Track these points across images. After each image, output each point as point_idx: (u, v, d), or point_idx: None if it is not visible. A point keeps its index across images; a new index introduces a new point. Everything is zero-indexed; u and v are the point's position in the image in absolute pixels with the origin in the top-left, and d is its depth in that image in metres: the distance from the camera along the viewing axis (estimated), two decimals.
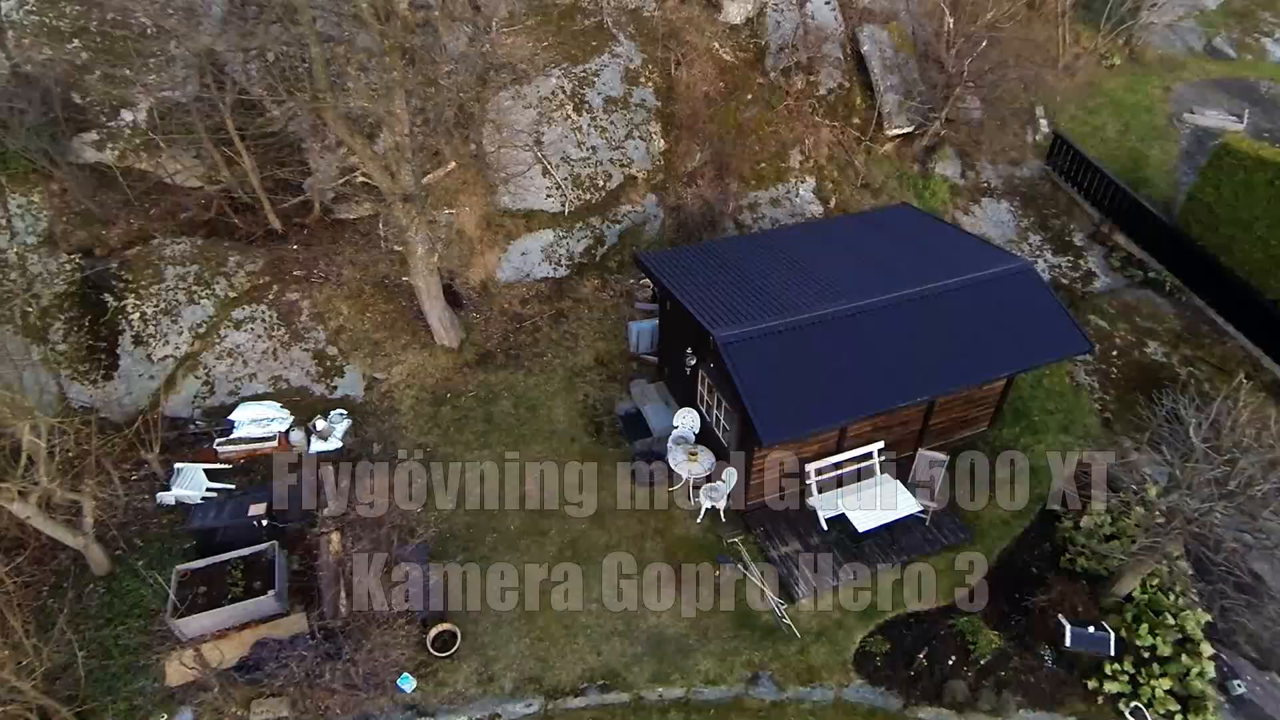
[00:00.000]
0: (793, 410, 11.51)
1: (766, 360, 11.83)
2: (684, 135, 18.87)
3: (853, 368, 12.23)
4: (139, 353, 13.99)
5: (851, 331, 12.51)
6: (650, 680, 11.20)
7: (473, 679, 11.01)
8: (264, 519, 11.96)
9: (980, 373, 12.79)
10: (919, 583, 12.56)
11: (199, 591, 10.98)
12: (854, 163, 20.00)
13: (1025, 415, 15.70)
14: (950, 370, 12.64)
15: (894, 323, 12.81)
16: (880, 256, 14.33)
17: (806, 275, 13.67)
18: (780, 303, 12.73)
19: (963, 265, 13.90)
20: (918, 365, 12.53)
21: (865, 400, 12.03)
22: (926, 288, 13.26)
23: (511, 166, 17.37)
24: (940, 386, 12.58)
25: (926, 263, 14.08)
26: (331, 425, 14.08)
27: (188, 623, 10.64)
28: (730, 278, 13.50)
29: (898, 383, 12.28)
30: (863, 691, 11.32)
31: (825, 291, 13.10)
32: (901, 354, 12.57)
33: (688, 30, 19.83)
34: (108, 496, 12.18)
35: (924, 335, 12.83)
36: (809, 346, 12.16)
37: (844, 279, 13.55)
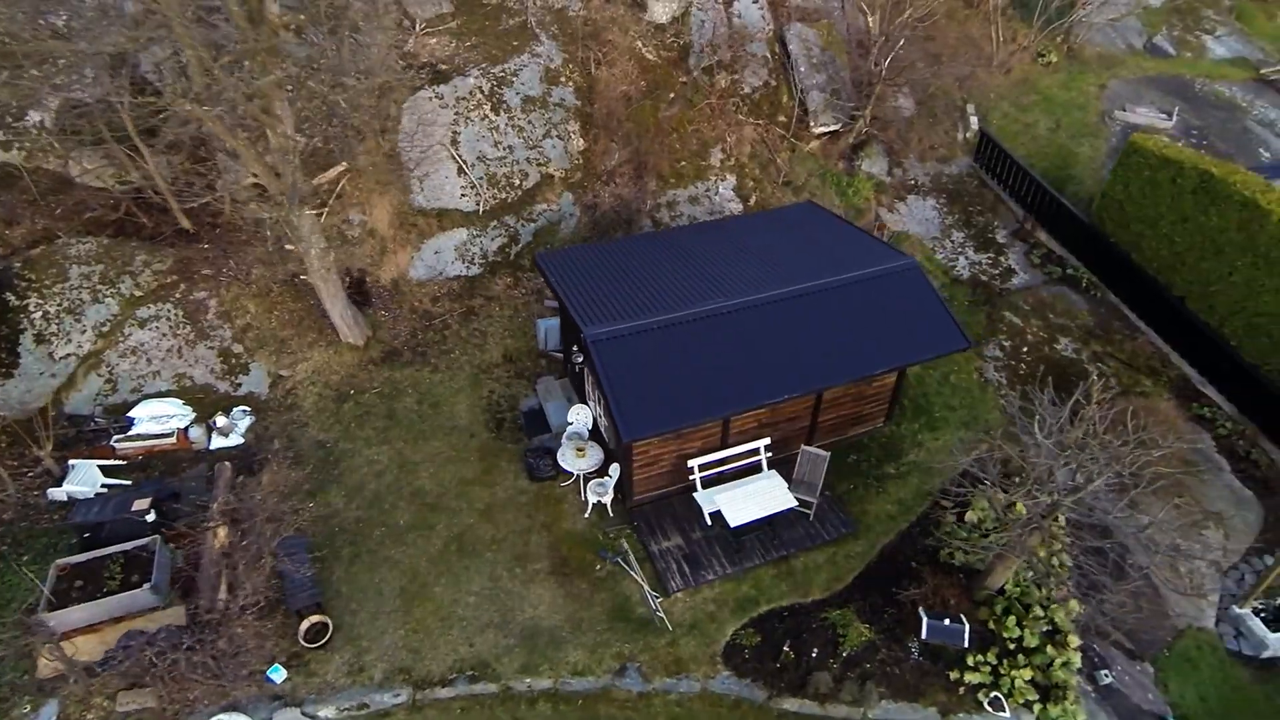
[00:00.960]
0: (658, 407, 11.73)
1: (636, 358, 12.04)
2: (603, 134, 19.04)
3: (728, 364, 12.44)
4: (40, 351, 14.21)
5: (730, 328, 12.71)
6: (519, 671, 11.45)
7: (343, 669, 11.26)
8: (147, 513, 12.19)
9: (860, 369, 13.00)
10: (798, 576, 12.81)
11: (75, 585, 11.22)
12: (776, 161, 20.18)
13: (926, 411, 15.93)
14: (829, 366, 12.86)
15: (776, 319, 13.01)
16: (772, 254, 14.52)
17: (694, 273, 13.88)
18: (660, 300, 12.94)
19: (852, 262, 14.11)
20: (797, 361, 12.74)
21: (737, 396, 12.24)
22: (812, 284, 13.47)
23: (425, 166, 17.58)
24: (818, 382, 12.80)
25: (817, 260, 14.29)
26: (233, 422, 14.31)
27: (60, 616, 10.88)
28: (617, 276, 13.71)
29: (773, 379, 12.49)
30: (729, 683, 11.56)
31: (710, 288, 13.31)
32: (781, 350, 12.78)
33: (611, 30, 19.99)
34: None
35: (806, 331, 13.04)
36: (683, 343, 12.36)
37: (731, 276, 13.76)
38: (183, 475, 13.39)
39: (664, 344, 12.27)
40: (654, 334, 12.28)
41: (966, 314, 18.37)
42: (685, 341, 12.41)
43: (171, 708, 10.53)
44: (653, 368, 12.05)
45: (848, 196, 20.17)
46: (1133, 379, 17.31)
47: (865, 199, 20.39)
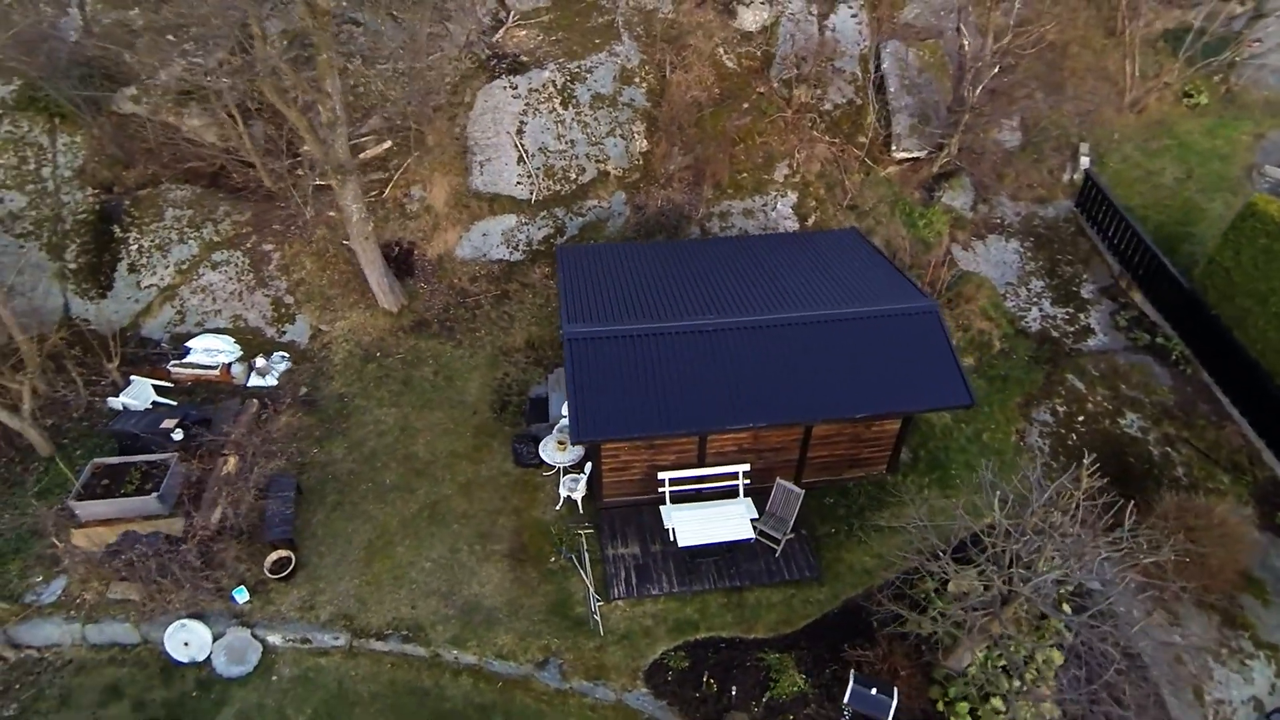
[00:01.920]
0: (620, 413, 11.76)
1: (611, 361, 12.11)
2: (667, 138, 19.07)
3: (706, 382, 12.22)
4: (130, 279, 16.37)
5: (716, 347, 12.48)
6: (450, 642, 11.95)
7: (296, 604, 12.25)
8: (174, 432, 13.79)
9: (847, 408, 12.34)
10: (746, 610, 12.43)
11: (102, 484, 12.93)
12: (845, 182, 19.34)
13: (942, 466, 14.84)
14: (816, 401, 12.32)
15: (768, 344, 12.62)
16: (788, 277, 14.05)
17: (699, 286, 13.71)
18: (653, 309, 12.92)
19: (869, 297, 13.40)
20: (782, 390, 12.31)
21: (708, 417, 12.02)
22: (817, 313, 12.95)
23: (489, 152, 18.42)
24: (801, 415, 12.30)
25: (833, 289, 13.69)
26: (271, 365, 15.82)
27: (85, 506, 12.59)
28: (622, 279, 13.81)
29: (753, 405, 12.14)
30: (644, 701, 11.46)
31: (708, 304, 13.12)
32: (767, 376, 12.39)
33: (695, 34, 19.94)
34: (66, 394, 14.55)
35: (798, 361, 12.55)
36: (663, 355, 12.29)
37: (735, 294, 13.48)
38: (218, 405, 14.97)
39: (642, 352, 12.27)
40: (634, 341, 12.30)
41: (1023, 370, 16.84)
42: (666, 353, 12.33)
43: (150, 604, 11.94)
44: (625, 374, 12.08)
45: (916, 228, 18.99)
46: (1207, 472, 15.22)
47: (937, 233, 19.10)
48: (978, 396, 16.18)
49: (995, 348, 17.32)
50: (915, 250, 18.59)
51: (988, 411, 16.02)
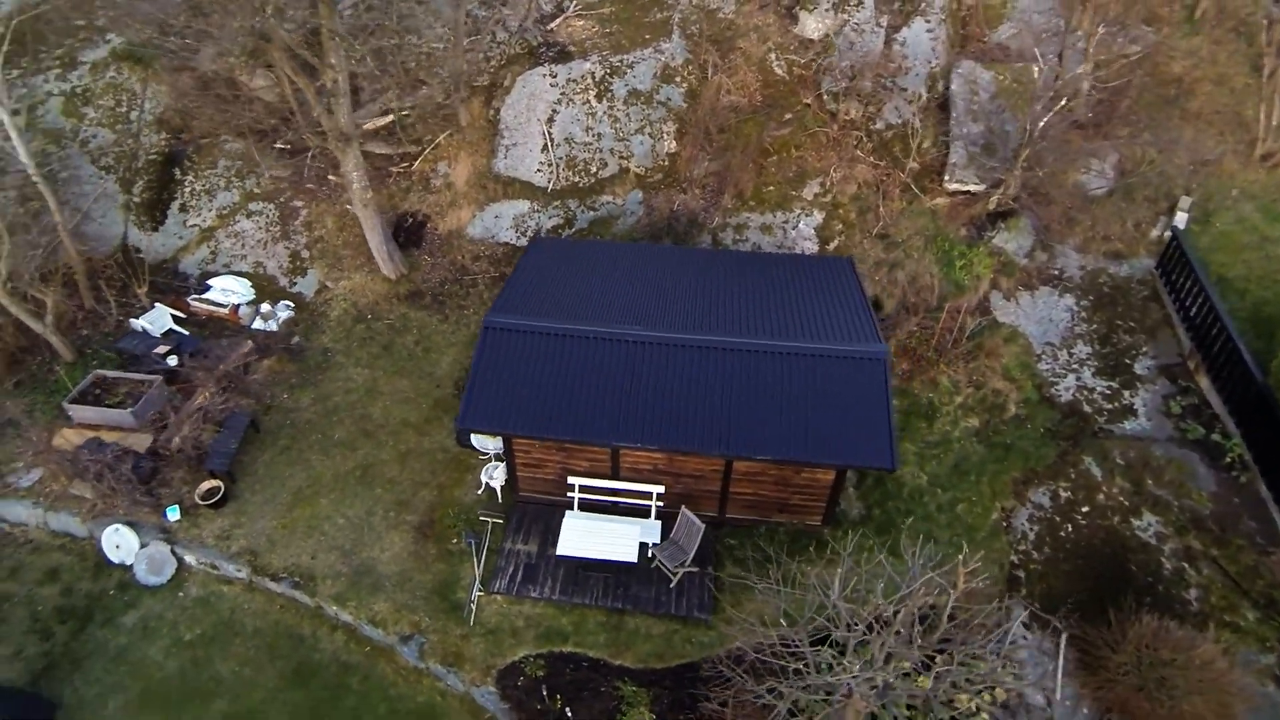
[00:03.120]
0: (512, 407, 11.60)
1: (524, 356, 11.97)
2: (697, 141, 18.48)
3: (618, 394, 11.78)
4: (179, 217, 18.22)
5: (640, 360, 11.98)
6: (333, 598, 12.40)
7: (214, 532, 13.18)
8: (166, 358, 15.24)
9: (761, 448, 11.43)
10: (622, 635, 11.93)
11: (96, 392, 14.55)
12: (880, 208, 17.86)
13: (892, 530, 13.43)
14: (729, 434, 11.52)
15: (695, 365, 11.95)
16: (750, 299, 13.21)
17: (653, 296, 13.22)
18: (591, 312, 12.60)
19: (820, 333, 12.34)
20: (697, 416, 11.64)
21: (609, 429, 11.57)
22: (756, 342, 12.08)
23: (516, 136, 18.71)
24: (712, 447, 11.53)
25: (789, 320, 12.73)
26: (275, 311, 17.06)
27: (76, 410, 14.24)
28: (577, 279, 13.58)
29: (662, 425, 11.57)
30: (489, 699, 11.33)
31: (648, 315, 12.62)
32: (686, 398, 11.75)
33: (748, 37, 19.15)
34: (101, 311, 16.47)
35: (723, 389, 11.79)
36: (580, 359, 11.98)
37: (685, 310, 12.86)
38: (219, 340, 16.36)
39: (561, 353, 12.02)
40: (554, 340, 12.08)
41: (1036, 442, 14.86)
42: (585, 358, 12.01)
43: (99, 506, 13.29)
44: (536, 371, 11.90)
45: (952, 268, 17.19)
46: (1229, 602, 12.78)
47: (975, 276, 17.19)
48: (971, 463, 14.64)
49: (1009, 412, 15.40)
50: (943, 291, 16.86)
51: (973, 481, 14.32)
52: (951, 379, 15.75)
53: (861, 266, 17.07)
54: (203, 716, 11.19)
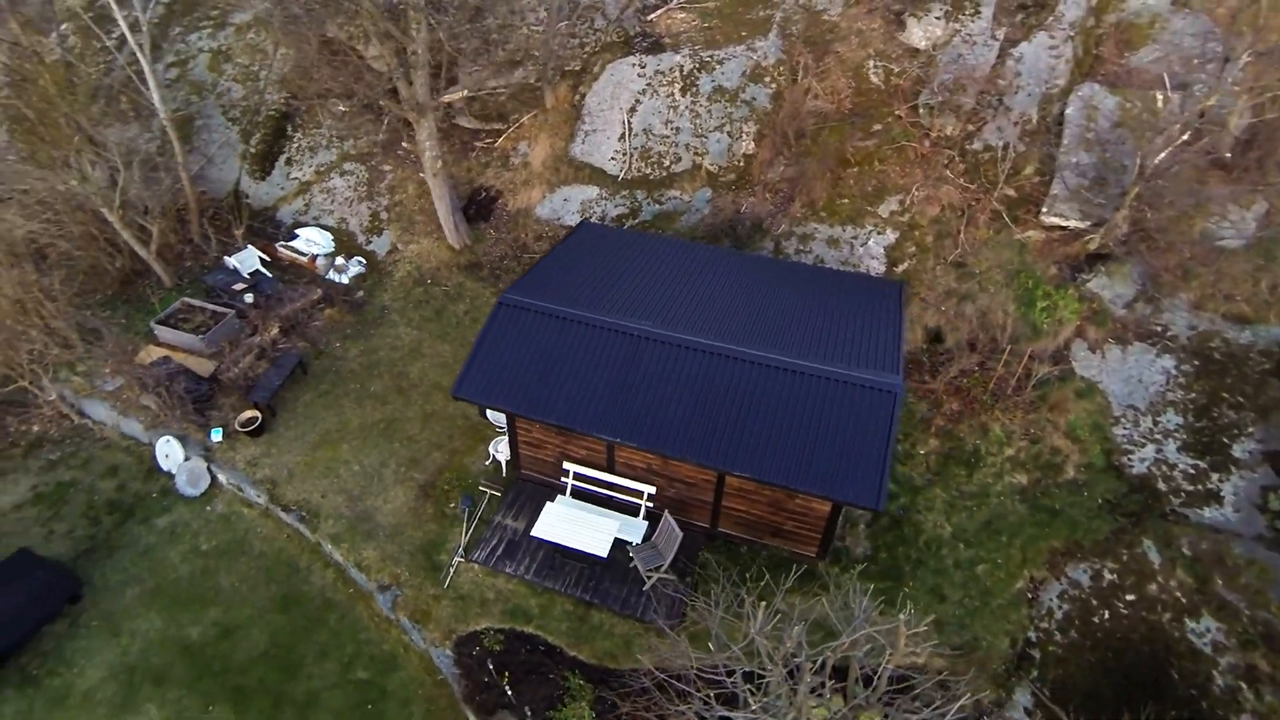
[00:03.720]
0: (508, 383, 11.71)
1: (530, 334, 12.05)
2: (777, 144, 17.85)
3: (619, 388, 11.61)
4: (285, 170, 19.82)
5: (647, 357, 11.74)
6: (330, 537, 13.11)
7: (245, 459, 14.27)
8: (243, 295, 16.66)
9: (748, 466, 10.89)
10: (583, 628, 11.82)
11: (179, 316, 16.15)
12: (960, 234, 16.49)
13: (898, 580, 12.44)
14: (722, 448, 11.06)
15: (701, 371, 11.57)
16: (780, 312, 12.61)
17: (683, 295, 12.92)
18: (609, 301, 12.48)
19: (840, 356, 11.57)
20: (693, 423, 11.27)
21: (600, 422, 11.42)
22: (767, 356, 11.51)
23: (596, 123, 18.86)
24: (699, 456, 11.12)
25: (813, 339, 12.03)
26: (348, 266, 18.21)
27: (160, 330, 15.89)
28: (611, 267, 13.50)
29: (653, 428, 11.31)
30: (444, 661, 11.58)
31: (671, 315, 12.31)
32: (683, 403, 11.42)
33: (847, 41, 18.24)
34: (204, 247, 18.23)
35: (724, 400, 11.35)
36: (585, 346, 11.91)
37: (708, 314, 12.47)
38: (294, 285, 17.67)
39: (566, 338, 12.01)
40: (562, 324, 12.08)
41: (1090, 513, 13.30)
42: (589, 346, 11.92)
43: (160, 415, 14.74)
44: (538, 351, 11.96)
45: (1031, 308, 15.59)
46: None
47: (1058, 321, 15.51)
48: (1007, 522, 13.29)
49: (1065, 474, 13.87)
50: (1016, 332, 15.35)
51: (1004, 543, 13.00)
52: (1005, 428, 14.35)
53: (929, 294, 15.92)
54: (198, 619, 12.18)
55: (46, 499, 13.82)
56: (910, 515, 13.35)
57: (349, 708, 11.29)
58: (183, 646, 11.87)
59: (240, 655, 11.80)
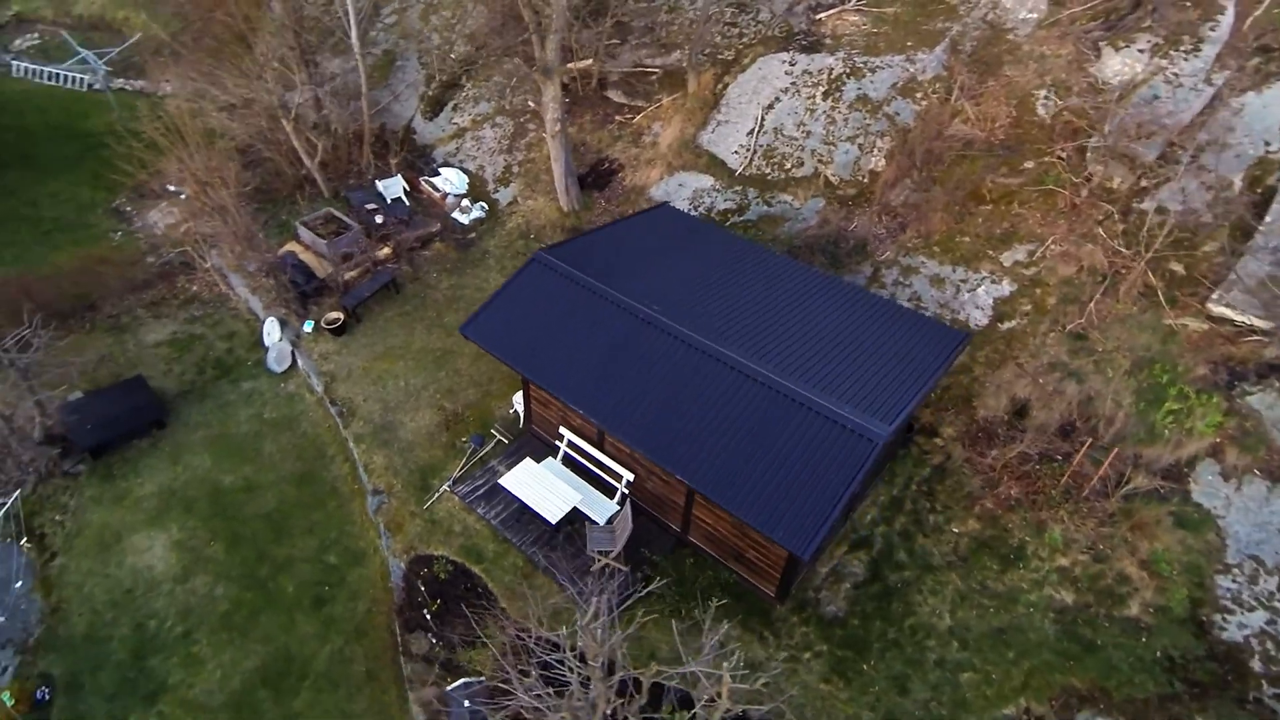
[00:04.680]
0: (511, 335, 12.04)
1: (551, 294, 12.28)
2: (907, 165, 16.31)
3: (615, 369, 11.46)
4: (449, 114, 21.79)
5: (652, 347, 11.44)
6: (355, 437, 14.44)
7: (321, 353, 16.08)
8: (375, 215, 18.70)
9: (699, 476, 10.24)
10: (522, 585, 11.95)
11: (320, 222, 18.53)
12: (1093, 303, 13.99)
13: (860, 649, 11.08)
14: (686, 455, 10.51)
15: (695, 373, 11.08)
16: (807, 334, 11.68)
17: (716, 294, 12.48)
18: (636, 283, 12.33)
19: (844, 392, 10.47)
20: (669, 424, 10.83)
21: (583, 396, 11.38)
22: (770, 376, 10.72)
23: (730, 114, 18.50)
24: (664, 460, 10.64)
25: (828, 367, 11.01)
26: (471, 209, 19.69)
27: (301, 230, 18.35)
28: (664, 252, 13.38)
29: (629, 417, 11.05)
30: (397, 571, 12.38)
31: (692, 310, 11.91)
32: (665, 396, 11.05)
33: (1023, 65, 16.13)
34: (364, 168, 20.67)
35: (709, 403, 10.81)
36: (590, 314, 11.91)
37: (731, 317, 11.91)
38: (421, 216, 19.47)
39: (578, 304, 12.06)
40: (578, 290, 12.14)
41: (1139, 663, 10.91)
42: (596, 317, 11.89)
43: (275, 299, 17.07)
44: (551, 311, 12.15)
45: (1156, 408, 12.91)
46: None
47: (1185, 431, 12.70)
48: (1025, 639, 11.31)
49: (1126, 609, 11.51)
50: (1123, 430, 12.83)
51: (1010, 659, 11.09)
52: (1066, 533, 12.12)
53: (1029, 362, 13.78)
54: (234, 471, 14.09)
55: (177, 344, 16.65)
56: (907, 592, 11.78)
57: (310, 582, 12.47)
58: (214, 488, 13.81)
59: (250, 509, 13.48)
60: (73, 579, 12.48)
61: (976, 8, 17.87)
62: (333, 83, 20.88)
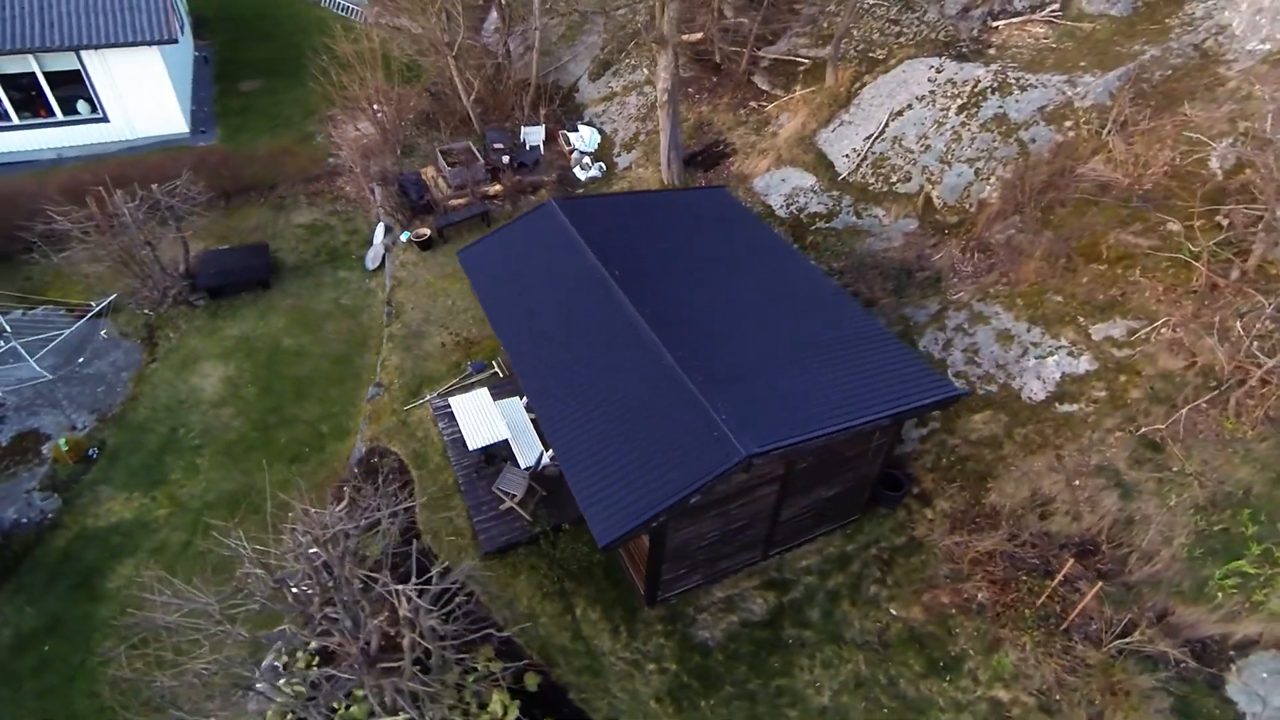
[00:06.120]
0: (491, 270, 12.48)
1: (544, 238, 12.45)
2: (1018, 200, 13.84)
3: (554, 315, 11.39)
4: (606, 79, 22.64)
5: (597, 307, 11.06)
6: (388, 339, 15.99)
7: (402, 260, 17.92)
8: (503, 155, 20.24)
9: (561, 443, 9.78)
10: (441, 504, 12.52)
11: (456, 153, 20.50)
12: (1181, 408, 10.88)
13: (714, 683, 10.06)
14: (564, 413, 10.07)
15: (623, 344, 10.55)
16: (774, 339, 10.65)
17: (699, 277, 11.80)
18: (625, 252, 11.94)
19: (749, 405, 9.46)
20: (572, 379, 10.40)
21: (510, 338, 11.49)
22: (675, 369, 10.02)
23: (857, 115, 17.04)
24: (539, 408, 10.39)
25: (763, 376, 10.00)
26: (591, 167, 20.44)
27: (440, 157, 20.46)
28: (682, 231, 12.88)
29: (542, 367, 10.83)
30: (355, 456, 13.60)
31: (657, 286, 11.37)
32: (585, 361, 10.57)
33: (1214, 105, 12.80)
34: (519, 116, 22.35)
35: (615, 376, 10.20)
36: (565, 271, 11.85)
37: (700, 305, 11.22)
38: (546, 164, 20.63)
39: (560, 258, 11.96)
40: (567, 246, 12.05)
41: None
42: (568, 275, 11.70)
43: (388, 206, 19.35)
44: (538, 257, 12.34)
45: (1213, 562, 9.82)
46: None
47: (1249, 602, 9.53)
48: None
49: None
50: (1162, 575, 10.00)
51: None
52: (1022, 664, 9.86)
53: (1076, 457, 11.24)
54: (294, 336, 16.36)
55: (313, 228, 19.60)
56: (795, 653, 10.40)
57: (299, 440, 14.23)
58: (275, 345, 16.21)
59: (289, 370, 15.65)
60: (154, 380, 15.52)
61: (1194, 31, 14.40)
62: (524, 35, 22.79)
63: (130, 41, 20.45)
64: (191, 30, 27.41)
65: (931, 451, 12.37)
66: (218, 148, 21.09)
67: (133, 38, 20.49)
